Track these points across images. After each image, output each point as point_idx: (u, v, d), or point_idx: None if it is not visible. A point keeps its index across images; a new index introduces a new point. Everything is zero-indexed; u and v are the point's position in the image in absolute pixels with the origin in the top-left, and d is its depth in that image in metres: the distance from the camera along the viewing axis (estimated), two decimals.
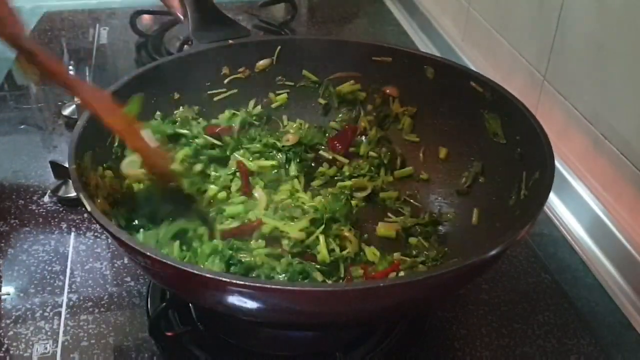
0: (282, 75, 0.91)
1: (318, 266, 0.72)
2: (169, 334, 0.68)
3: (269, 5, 1.46)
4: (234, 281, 0.49)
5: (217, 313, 0.63)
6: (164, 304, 0.68)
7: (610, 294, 0.79)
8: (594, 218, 0.83)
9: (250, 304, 0.53)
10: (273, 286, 0.51)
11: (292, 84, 0.92)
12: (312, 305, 0.53)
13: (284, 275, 0.69)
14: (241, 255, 0.70)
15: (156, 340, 0.69)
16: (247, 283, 0.50)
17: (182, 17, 1.08)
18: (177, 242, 0.71)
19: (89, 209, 0.57)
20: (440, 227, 0.81)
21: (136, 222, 0.71)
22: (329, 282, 0.71)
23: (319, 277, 0.70)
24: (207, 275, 0.50)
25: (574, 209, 0.88)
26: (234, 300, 0.53)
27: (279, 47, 0.89)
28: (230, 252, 0.70)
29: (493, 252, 0.55)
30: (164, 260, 0.51)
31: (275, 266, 0.70)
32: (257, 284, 0.52)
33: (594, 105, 0.83)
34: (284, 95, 0.92)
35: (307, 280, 0.69)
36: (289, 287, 0.51)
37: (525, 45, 1.00)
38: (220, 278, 0.50)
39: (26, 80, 1.19)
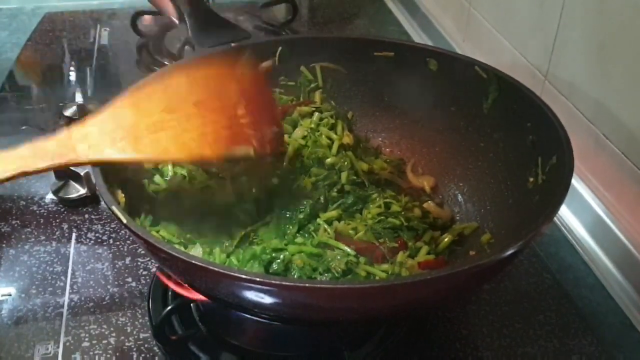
0: (285, 75, 0.91)
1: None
2: (174, 337, 0.68)
3: (270, 6, 1.46)
4: (253, 278, 0.50)
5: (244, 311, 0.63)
6: (168, 308, 0.68)
7: (612, 294, 0.79)
8: (596, 218, 0.83)
9: (268, 300, 0.54)
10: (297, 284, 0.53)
11: (294, 83, 0.92)
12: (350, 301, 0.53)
13: (326, 275, 0.68)
14: (279, 258, 0.70)
15: (161, 344, 0.69)
16: (265, 280, 0.51)
17: (177, 20, 1.08)
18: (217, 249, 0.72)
19: (124, 221, 0.57)
20: (457, 217, 0.82)
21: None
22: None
23: (362, 272, 0.69)
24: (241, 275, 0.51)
25: (575, 209, 0.88)
26: (254, 296, 0.54)
27: (280, 48, 0.89)
28: (268, 257, 0.70)
29: (530, 236, 0.55)
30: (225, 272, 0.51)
31: (317, 267, 0.69)
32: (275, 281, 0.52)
33: (596, 105, 0.83)
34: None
35: (351, 276, 0.68)
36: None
37: (526, 45, 1.00)
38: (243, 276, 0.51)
39: (27, 81, 1.19)
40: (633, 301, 0.76)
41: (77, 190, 0.91)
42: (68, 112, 1.08)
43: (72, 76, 1.27)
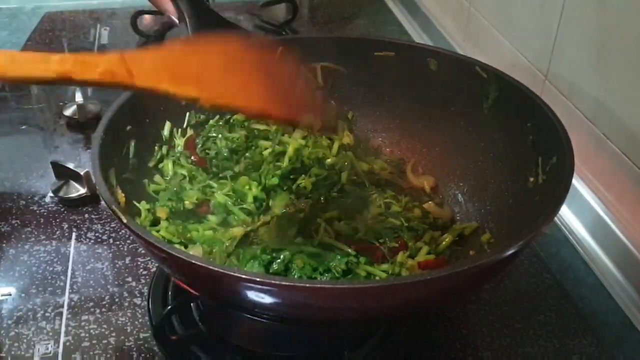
0: None
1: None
2: (174, 337, 0.68)
3: (270, 6, 1.46)
4: (254, 278, 0.50)
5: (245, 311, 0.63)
6: (168, 308, 0.68)
7: (612, 294, 0.79)
8: (596, 218, 0.83)
9: (268, 300, 0.54)
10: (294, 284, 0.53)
11: None
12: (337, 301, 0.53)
13: (326, 275, 0.68)
14: (279, 258, 0.70)
15: (161, 344, 0.69)
16: (265, 280, 0.51)
17: (177, 20, 1.08)
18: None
19: (124, 220, 0.56)
20: (457, 217, 0.82)
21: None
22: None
23: (362, 273, 0.69)
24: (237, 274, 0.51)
25: (576, 209, 0.88)
26: (254, 296, 0.54)
27: (280, 48, 0.89)
28: (268, 257, 0.70)
29: (530, 235, 0.55)
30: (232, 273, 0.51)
31: (317, 267, 0.69)
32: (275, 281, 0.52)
33: (596, 105, 0.83)
34: None
35: (351, 276, 0.69)
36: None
37: (526, 44, 1.00)
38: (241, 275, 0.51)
39: None
40: (633, 301, 0.76)
41: (77, 190, 0.91)
42: (68, 112, 1.09)
43: None
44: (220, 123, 0.87)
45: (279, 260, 0.69)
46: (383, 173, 0.87)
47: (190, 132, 0.86)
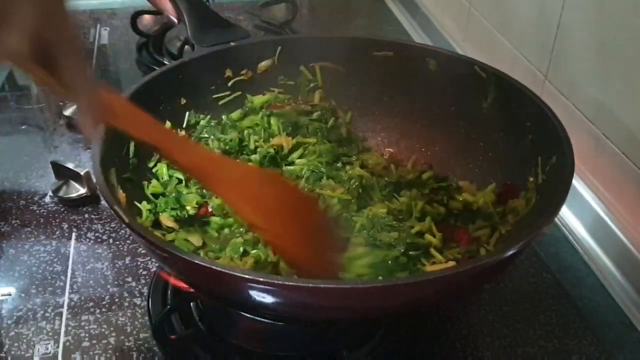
0: (284, 75, 0.91)
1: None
2: (173, 337, 0.68)
3: (270, 5, 1.46)
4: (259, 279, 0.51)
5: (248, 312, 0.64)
6: (167, 307, 0.68)
7: (612, 294, 0.78)
8: (596, 218, 0.83)
9: (270, 300, 0.54)
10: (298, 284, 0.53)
11: (293, 83, 0.92)
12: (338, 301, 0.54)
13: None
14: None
15: (160, 344, 0.69)
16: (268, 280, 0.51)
17: (175, 20, 1.08)
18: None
19: (126, 220, 0.57)
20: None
21: None
22: None
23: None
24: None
25: (576, 209, 0.88)
26: (256, 296, 0.54)
27: (280, 47, 0.89)
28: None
29: (531, 236, 0.56)
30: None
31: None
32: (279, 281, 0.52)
33: (596, 105, 0.83)
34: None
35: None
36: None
37: (526, 45, 1.00)
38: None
39: (27, 81, 1.19)
40: (633, 301, 0.76)
41: (77, 190, 0.91)
42: (68, 112, 1.09)
43: None
44: (212, 124, 0.87)
45: None
46: (377, 168, 0.87)
47: (181, 133, 0.85)
